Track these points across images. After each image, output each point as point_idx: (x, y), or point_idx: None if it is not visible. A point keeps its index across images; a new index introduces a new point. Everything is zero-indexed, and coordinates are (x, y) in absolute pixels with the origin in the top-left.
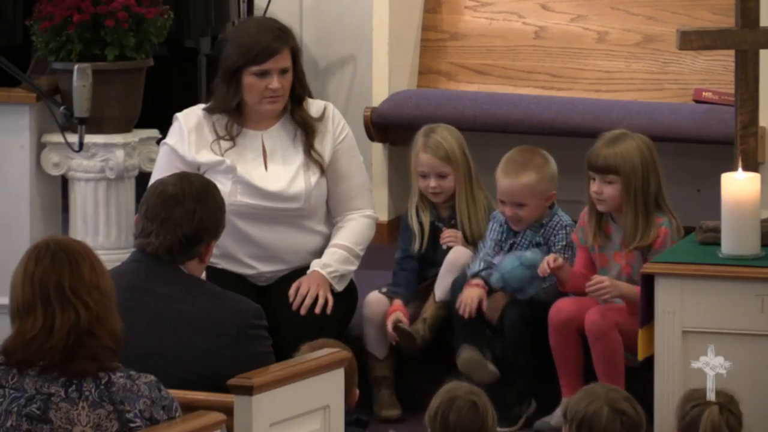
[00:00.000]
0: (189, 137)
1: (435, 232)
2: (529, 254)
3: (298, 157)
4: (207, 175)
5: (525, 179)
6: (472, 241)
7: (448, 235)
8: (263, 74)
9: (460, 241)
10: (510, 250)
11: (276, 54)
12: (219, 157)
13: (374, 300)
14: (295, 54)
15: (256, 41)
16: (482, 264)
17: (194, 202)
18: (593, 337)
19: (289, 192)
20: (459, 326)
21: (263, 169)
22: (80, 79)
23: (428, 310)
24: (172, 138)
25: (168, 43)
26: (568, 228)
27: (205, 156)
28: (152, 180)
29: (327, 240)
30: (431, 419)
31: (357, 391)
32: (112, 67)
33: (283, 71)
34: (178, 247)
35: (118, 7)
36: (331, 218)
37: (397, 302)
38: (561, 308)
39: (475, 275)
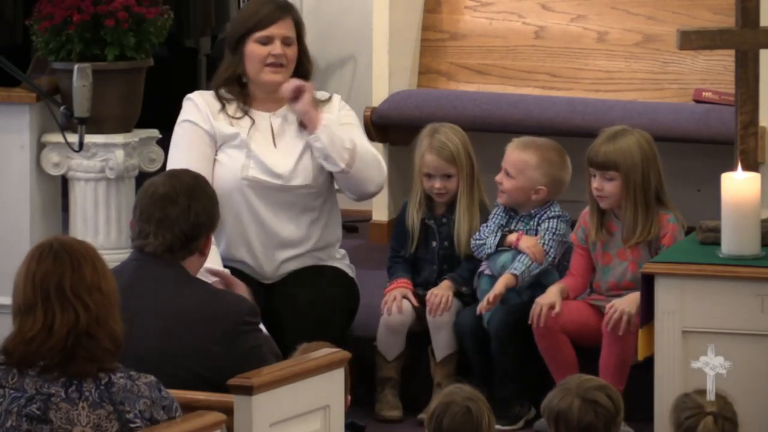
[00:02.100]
0: (203, 109)
1: (425, 230)
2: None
3: (305, 138)
4: (222, 149)
5: (525, 156)
6: (458, 245)
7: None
8: (266, 42)
9: (444, 303)
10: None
11: (278, 20)
12: (234, 130)
13: (402, 309)
14: (299, 28)
15: (257, 11)
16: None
17: (187, 199)
18: (612, 338)
19: (297, 171)
20: (468, 338)
21: (273, 147)
22: (80, 79)
23: (437, 373)
24: (189, 114)
25: (168, 43)
26: (555, 219)
27: (221, 127)
28: (171, 161)
29: (333, 225)
30: (428, 422)
31: (349, 397)
32: (112, 67)
33: (286, 41)
34: (178, 245)
35: (118, 7)
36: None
37: (403, 280)
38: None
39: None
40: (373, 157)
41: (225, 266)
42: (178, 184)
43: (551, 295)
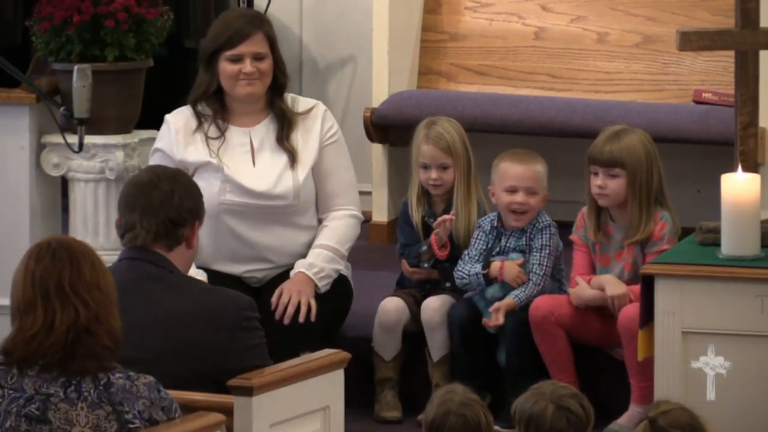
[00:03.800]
0: (176, 136)
1: (426, 229)
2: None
3: (286, 154)
4: (196, 175)
5: (538, 167)
6: (457, 240)
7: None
8: (237, 59)
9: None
10: (499, 254)
11: (248, 37)
12: (207, 158)
13: (392, 308)
14: (272, 41)
15: (228, 26)
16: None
17: (170, 184)
18: (629, 336)
19: (276, 191)
20: (458, 338)
21: (251, 166)
22: (80, 79)
23: (435, 374)
24: (161, 142)
25: (168, 44)
26: (547, 229)
27: (193, 155)
28: None
29: None
30: (427, 429)
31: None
32: (112, 68)
33: (257, 56)
34: (163, 230)
35: (118, 8)
36: (317, 215)
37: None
38: (539, 305)
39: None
40: (353, 231)
41: (212, 270)
42: (160, 171)
43: (619, 285)
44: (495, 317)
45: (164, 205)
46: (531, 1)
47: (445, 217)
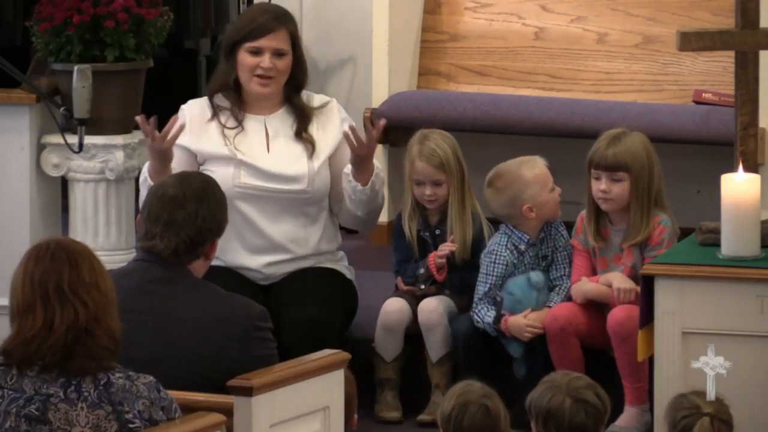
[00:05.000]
0: (191, 125)
1: (420, 243)
2: (534, 276)
3: (301, 142)
4: (209, 162)
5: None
6: (452, 256)
7: (444, 250)
8: (256, 52)
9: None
10: (522, 271)
11: (270, 32)
12: (221, 149)
13: (395, 309)
14: (294, 39)
15: (253, 19)
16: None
17: (196, 204)
18: (619, 339)
19: (291, 172)
20: (463, 352)
21: (266, 151)
22: (80, 80)
23: (434, 375)
24: None
25: (168, 44)
26: (561, 226)
27: (207, 145)
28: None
29: (329, 232)
30: (444, 424)
31: (355, 417)
32: (112, 68)
33: (277, 53)
34: (183, 248)
35: (118, 8)
36: (335, 210)
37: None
38: (557, 315)
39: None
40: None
41: (222, 266)
42: (188, 187)
43: (627, 279)
44: (531, 330)
45: (186, 225)
46: (531, 1)
47: (448, 248)
